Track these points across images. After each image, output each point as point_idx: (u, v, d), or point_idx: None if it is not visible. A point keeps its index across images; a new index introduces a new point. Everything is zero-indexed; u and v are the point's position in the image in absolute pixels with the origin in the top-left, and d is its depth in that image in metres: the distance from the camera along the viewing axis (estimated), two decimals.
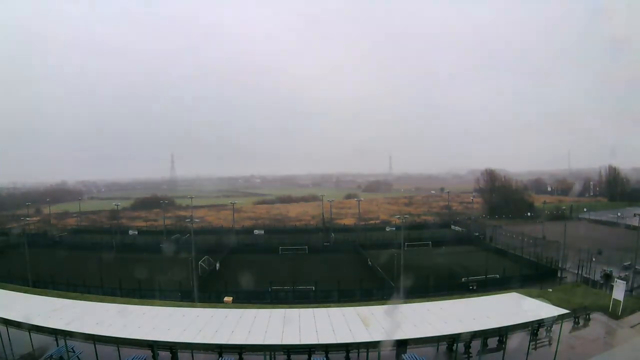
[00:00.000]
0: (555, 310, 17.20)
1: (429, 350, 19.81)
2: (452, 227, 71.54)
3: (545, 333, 20.87)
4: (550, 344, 19.76)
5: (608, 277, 33.65)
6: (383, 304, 21.11)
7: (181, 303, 26.74)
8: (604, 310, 24.50)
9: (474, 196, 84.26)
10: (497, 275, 37.00)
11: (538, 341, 20.15)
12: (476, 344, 18.80)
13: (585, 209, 79.93)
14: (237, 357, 18.12)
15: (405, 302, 23.01)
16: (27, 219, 63.56)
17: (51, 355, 17.83)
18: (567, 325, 21.68)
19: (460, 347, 19.36)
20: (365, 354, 18.19)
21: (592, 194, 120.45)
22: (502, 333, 19.21)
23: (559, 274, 37.85)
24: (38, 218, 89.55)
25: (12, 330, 19.10)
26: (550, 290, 30.73)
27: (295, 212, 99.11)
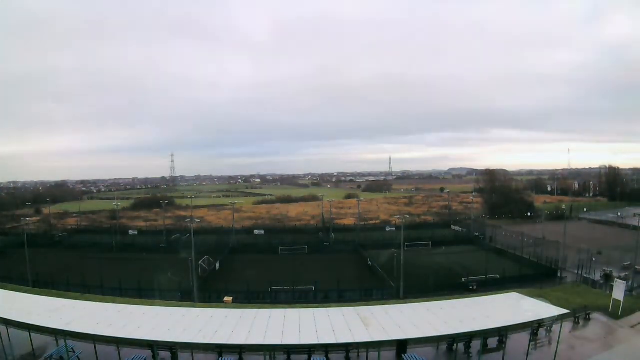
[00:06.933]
0: (555, 310, 17.14)
1: (429, 350, 19.78)
2: (452, 227, 71.54)
3: (545, 333, 20.86)
4: (550, 344, 19.74)
5: (608, 277, 33.66)
6: (383, 304, 21.08)
7: (181, 303, 26.71)
8: (604, 310, 24.45)
9: (474, 196, 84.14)
10: (497, 275, 37.00)
11: (538, 341, 20.14)
12: (476, 344, 18.79)
13: (585, 209, 79.89)
14: (237, 357, 18.10)
15: (405, 302, 23.03)
16: (27, 219, 63.53)
17: (51, 355, 17.80)
18: (567, 325, 21.66)
19: (460, 347, 19.36)
20: (365, 354, 18.20)
21: (592, 194, 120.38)
22: (502, 333, 19.20)
23: (559, 274, 37.84)
24: (38, 218, 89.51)
25: (12, 330, 19.09)
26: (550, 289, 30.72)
27: (295, 212, 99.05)
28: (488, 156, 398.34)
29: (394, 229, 65.44)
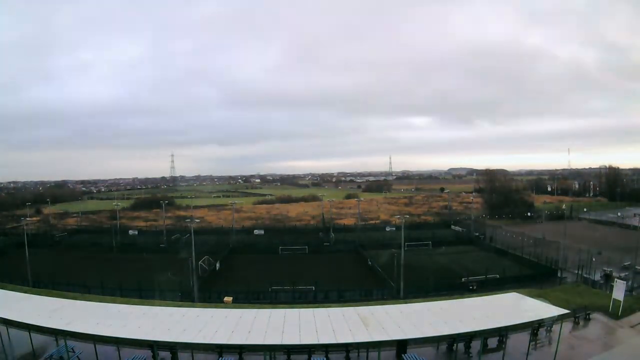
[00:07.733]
0: (555, 310, 17.14)
1: (429, 350, 19.79)
2: (452, 227, 71.55)
3: (545, 333, 20.86)
4: (550, 344, 19.74)
5: (608, 277, 33.67)
6: (383, 304, 21.10)
7: (181, 303, 26.74)
8: (604, 310, 24.46)
9: (474, 196, 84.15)
10: (497, 275, 37.01)
11: (538, 341, 20.15)
12: (476, 344, 18.79)
13: (585, 209, 79.91)
14: (237, 357, 18.11)
15: (405, 302, 23.04)
16: (27, 219, 63.57)
17: (51, 355, 17.81)
18: (567, 325, 21.66)
19: (460, 347, 19.37)
20: (365, 354, 18.21)
21: (592, 194, 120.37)
22: (502, 333, 19.20)
23: (559, 274, 37.82)
24: (38, 218, 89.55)
25: (12, 330, 19.10)
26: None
27: (295, 212, 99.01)
28: (488, 156, 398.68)
29: (394, 229, 65.45)
